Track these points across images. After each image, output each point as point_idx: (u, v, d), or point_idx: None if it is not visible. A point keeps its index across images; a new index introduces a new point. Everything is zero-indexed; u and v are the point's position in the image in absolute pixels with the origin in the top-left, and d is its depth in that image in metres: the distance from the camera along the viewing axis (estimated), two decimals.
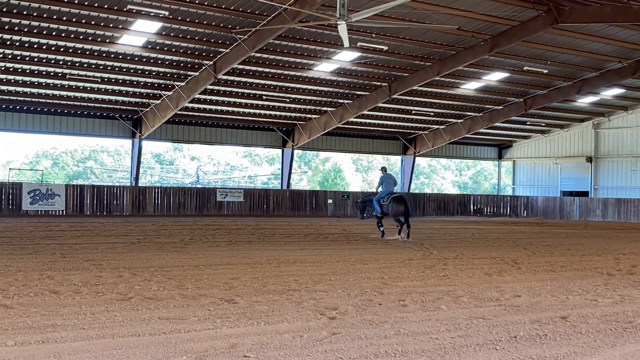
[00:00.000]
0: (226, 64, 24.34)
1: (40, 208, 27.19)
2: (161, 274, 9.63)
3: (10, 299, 7.23)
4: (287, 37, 23.42)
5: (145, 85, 27.38)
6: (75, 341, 5.47)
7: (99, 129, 30.79)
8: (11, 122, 28.61)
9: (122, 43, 22.79)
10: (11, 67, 24.23)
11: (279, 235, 18.31)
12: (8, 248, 12.97)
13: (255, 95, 29.75)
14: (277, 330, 6.09)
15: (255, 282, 9.02)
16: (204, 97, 28.83)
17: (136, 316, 6.52)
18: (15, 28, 20.97)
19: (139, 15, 20.57)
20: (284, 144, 35.68)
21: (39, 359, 4.93)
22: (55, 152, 62.34)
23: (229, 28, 22.04)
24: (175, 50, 23.93)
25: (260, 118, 33.29)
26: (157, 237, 16.74)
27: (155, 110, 29.26)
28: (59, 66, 24.40)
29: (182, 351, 5.24)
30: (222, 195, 32.10)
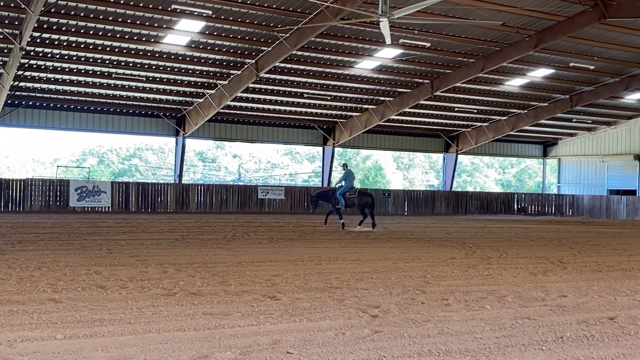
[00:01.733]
0: (268, 63, 24.47)
1: (87, 205, 27.80)
2: (205, 270, 9.74)
3: (59, 294, 7.40)
4: (329, 35, 23.42)
5: (188, 84, 27.73)
6: (122, 335, 5.58)
7: (143, 127, 31.31)
8: (59, 120, 29.32)
9: (167, 42, 23.13)
10: (59, 67, 24.82)
11: (319, 233, 18.34)
12: (56, 243, 13.29)
13: (296, 93, 29.86)
14: (319, 327, 6.10)
15: (297, 279, 9.05)
16: (245, 95, 29.06)
17: (181, 311, 6.61)
18: (63, 28, 21.47)
19: (183, 14, 20.84)
20: (324, 142, 35.72)
21: (87, 352, 5.03)
22: (101, 150, 63.64)
23: (271, 27, 22.16)
24: (218, 49, 24.17)
25: (301, 116, 33.39)
26: (200, 233, 16.93)
27: (199, 108, 29.62)
28: (105, 65, 24.89)
29: (226, 346, 5.29)
30: (264, 193, 32.31)
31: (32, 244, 13.09)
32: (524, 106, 34.82)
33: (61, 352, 4.99)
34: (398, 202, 35.57)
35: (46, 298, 7.10)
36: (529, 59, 27.20)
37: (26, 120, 28.69)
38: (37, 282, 8.13)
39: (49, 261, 10.25)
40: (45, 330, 5.66)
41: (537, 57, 27.15)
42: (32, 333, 5.54)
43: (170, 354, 5.05)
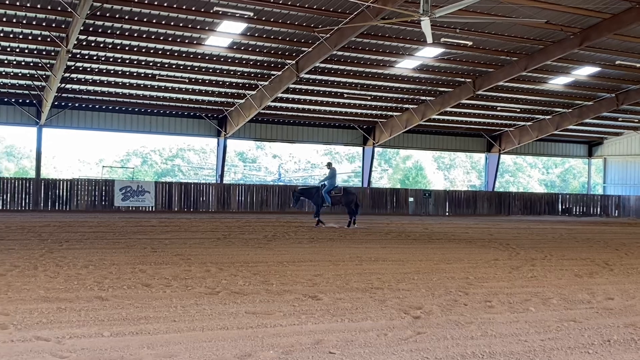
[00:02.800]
0: (308, 63, 24.54)
1: (131, 204, 28.31)
2: (246, 269, 9.83)
3: (105, 292, 7.56)
4: (369, 35, 23.36)
5: (230, 85, 28.00)
6: (167, 333, 5.67)
7: (186, 128, 31.72)
8: (104, 121, 29.91)
9: (209, 44, 23.38)
10: (104, 69, 25.33)
11: (360, 233, 18.32)
12: (102, 242, 13.57)
13: (336, 93, 29.87)
14: (361, 327, 6.10)
15: (338, 279, 9.06)
16: (286, 96, 29.18)
17: (224, 310, 6.68)
18: (108, 31, 21.90)
19: (225, 16, 21.04)
20: (364, 142, 35.64)
21: (133, 349, 5.13)
22: (144, 151, 64.73)
23: (311, 27, 22.21)
24: (259, 50, 24.33)
25: (341, 116, 33.38)
26: (242, 233, 17.08)
27: (240, 109, 29.88)
28: (148, 67, 25.30)
29: (269, 346, 5.34)
30: None
31: (79, 242, 13.39)
32: (568, 105, 34.15)
33: (108, 349, 5.10)
34: (439, 203, 35.26)
35: (93, 296, 7.26)
36: (573, 57, 26.66)
37: (72, 121, 29.33)
38: (84, 280, 8.32)
39: (95, 259, 10.47)
40: (93, 327, 5.79)
41: (582, 55, 26.59)
42: (80, 330, 5.67)
43: (214, 352, 5.11)
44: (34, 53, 23.20)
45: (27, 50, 22.98)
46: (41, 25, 20.99)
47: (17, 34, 21.55)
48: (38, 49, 22.91)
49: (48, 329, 5.65)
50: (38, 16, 20.38)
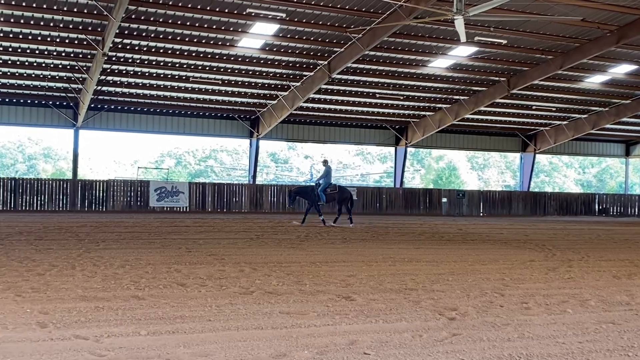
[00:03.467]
0: (340, 63, 24.53)
1: (165, 204, 28.64)
2: (280, 269, 9.87)
3: (142, 291, 7.65)
4: (402, 34, 23.26)
5: (262, 86, 28.15)
6: (203, 332, 5.72)
7: (219, 129, 31.97)
8: (139, 123, 30.31)
9: (241, 46, 23.55)
10: (139, 71, 25.68)
11: (392, 234, 18.24)
12: (138, 242, 13.75)
13: (368, 93, 29.81)
14: (395, 328, 6.07)
15: (371, 280, 9.03)
16: (317, 96, 29.22)
17: (258, 310, 6.71)
18: (143, 34, 22.20)
19: (257, 18, 21.16)
20: (397, 142, 35.48)
21: (169, 348, 5.19)
22: (178, 152, 65.48)
23: (343, 27, 22.21)
24: (292, 51, 24.41)
25: (373, 116, 33.30)
26: (274, 233, 17.14)
27: (272, 110, 30.01)
28: (182, 69, 25.56)
29: (304, 346, 5.34)
30: None
31: (115, 242, 13.59)
32: (605, 104, 33.54)
33: (145, 348, 5.16)
34: (473, 203, 34.94)
35: (130, 295, 7.36)
36: (610, 55, 26.17)
37: (108, 123, 29.78)
38: (121, 280, 8.44)
39: (131, 259, 10.61)
40: (130, 326, 5.86)
41: (619, 52, 26.09)
42: (118, 329, 5.75)
43: (249, 351, 5.14)
44: (70, 56, 23.63)
45: (64, 54, 23.43)
46: (78, 28, 21.36)
47: (54, 37, 21.97)
48: (75, 52, 23.33)
49: (86, 328, 5.74)
50: (75, 20, 20.76)
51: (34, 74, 25.27)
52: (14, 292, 7.30)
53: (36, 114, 28.27)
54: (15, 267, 9.39)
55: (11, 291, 7.38)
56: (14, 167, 59.98)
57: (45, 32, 21.59)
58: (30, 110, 28.15)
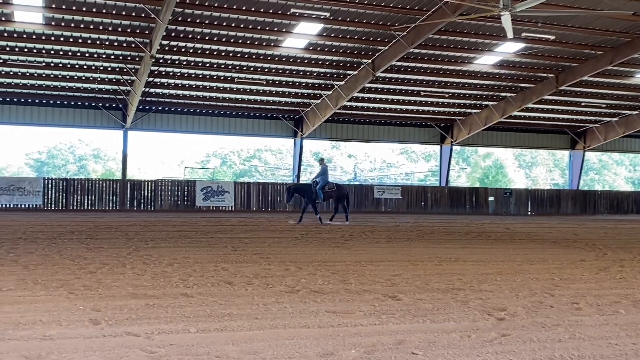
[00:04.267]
0: (384, 62, 24.43)
1: (211, 204, 28.99)
2: (325, 268, 9.88)
3: (190, 289, 7.76)
4: (447, 31, 23.03)
5: (306, 86, 28.24)
6: (251, 330, 5.77)
7: (263, 129, 32.20)
8: (185, 124, 30.76)
9: (285, 46, 23.67)
10: (185, 73, 26.06)
11: (438, 233, 18.07)
12: (186, 241, 13.96)
13: (413, 91, 29.61)
14: (443, 328, 6.01)
15: (418, 279, 8.97)
16: (361, 95, 29.16)
17: (304, 308, 6.73)
18: (189, 36, 22.52)
19: (302, 17, 21.24)
20: (442, 140, 35.14)
21: (218, 346, 5.24)
22: (223, 152, 66.23)
23: (387, 25, 22.11)
24: (335, 50, 24.43)
25: (418, 114, 33.05)
26: (319, 232, 17.18)
27: (316, 109, 30.08)
28: (227, 70, 25.84)
29: (351, 345, 5.34)
30: (380, 192, 32.28)
31: (164, 241, 13.82)
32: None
33: (195, 345, 5.23)
34: (520, 202, 34.36)
35: (179, 293, 7.47)
36: None
37: (155, 124, 30.31)
38: (170, 278, 8.57)
39: (179, 257, 10.78)
40: (180, 323, 5.95)
41: None
42: (168, 326, 5.84)
43: (297, 350, 5.16)
44: (119, 59, 24.12)
45: (113, 56, 23.94)
46: (126, 31, 21.80)
47: (103, 40, 22.47)
48: (123, 55, 23.80)
49: (137, 325, 5.85)
50: (123, 23, 21.18)
51: (84, 76, 25.89)
52: (67, 290, 7.49)
53: (87, 116, 28.95)
54: (68, 265, 9.64)
55: (64, 289, 7.58)
56: (65, 168, 61.61)
57: (94, 36, 22.10)
58: (81, 112, 28.85)
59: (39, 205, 26.61)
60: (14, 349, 4.99)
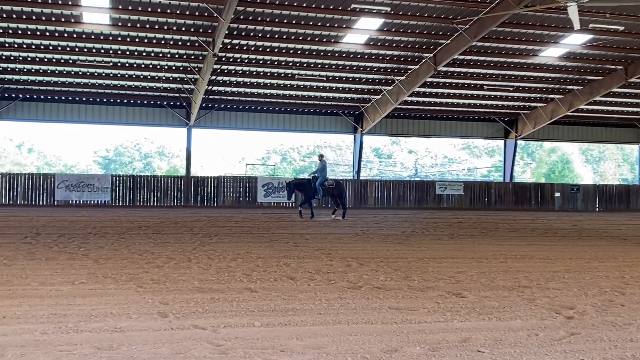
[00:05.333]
0: (446, 56, 24.09)
1: (272, 200, 29.26)
2: (387, 264, 9.84)
3: (254, 283, 7.87)
4: (511, 24, 22.52)
5: (366, 82, 28.14)
6: (314, 325, 5.80)
7: (323, 125, 32.27)
8: (247, 121, 31.13)
9: (346, 42, 23.64)
10: (247, 71, 26.36)
11: (502, 230, 17.74)
12: (248, 237, 14.15)
13: (476, 85, 29.10)
14: (510, 327, 5.90)
15: (482, 276, 8.83)
16: (423, 90, 28.86)
17: (367, 305, 6.72)
18: (251, 34, 22.78)
19: (362, 13, 21.17)
20: (506, 135, 34.42)
21: (283, 340, 5.30)
22: (283, 148, 66.77)
23: (449, 19, 21.80)
24: (396, 45, 24.25)
25: (481, 109, 32.47)
26: (380, 229, 17.12)
27: (376, 105, 29.94)
28: (288, 67, 26.01)
29: (415, 342, 5.30)
30: (442, 188, 31.90)
31: (227, 236, 14.05)
32: None
33: (259, 339, 5.30)
34: (588, 198, 33.33)
35: (243, 287, 7.58)
36: None
37: (218, 121, 30.80)
38: (234, 272, 8.71)
39: (243, 253, 10.94)
40: (244, 317, 6.04)
41: None
42: (233, 320, 5.94)
43: (360, 346, 5.16)
44: (183, 58, 24.61)
45: (177, 56, 24.45)
46: (189, 31, 22.22)
47: (168, 40, 22.97)
48: (187, 54, 24.28)
49: (204, 318, 5.97)
50: (187, 22, 21.59)
51: (149, 76, 26.53)
52: (136, 284, 7.71)
53: (152, 114, 29.67)
54: (136, 259, 9.92)
55: (133, 282, 7.80)
56: (132, 165, 63.39)
57: (159, 35, 22.61)
58: (147, 111, 29.59)
59: (107, 201, 27.46)
60: (87, 340, 5.17)
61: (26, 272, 8.50)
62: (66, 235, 13.66)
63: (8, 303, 6.50)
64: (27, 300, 6.62)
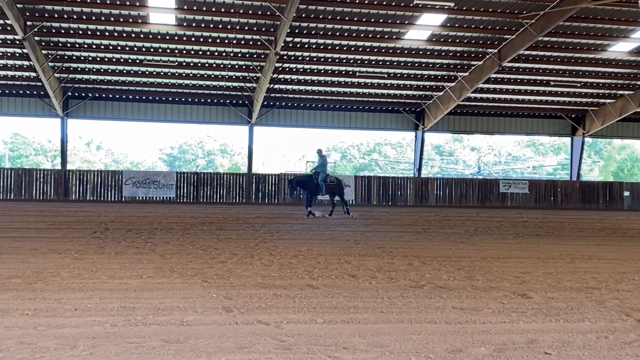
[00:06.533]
0: (511, 51, 23.61)
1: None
2: (449, 264, 9.72)
3: (316, 280, 7.90)
4: (579, 18, 21.89)
5: (428, 78, 27.86)
6: (376, 323, 5.78)
7: (384, 122, 32.12)
8: (307, 119, 31.30)
9: (408, 38, 23.47)
10: (308, 69, 26.49)
11: (569, 229, 17.26)
12: (309, 234, 14.22)
13: (542, 81, 28.40)
14: (578, 329, 5.74)
15: (549, 277, 8.61)
16: (486, 86, 28.36)
17: (430, 304, 6.66)
18: (312, 32, 22.88)
19: (425, 9, 20.97)
20: (573, 132, 33.47)
21: (345, 337, 5.30)
22: (343, 146, 66.83)
23: (515, 14, 21.36)
24: (459, 40, 23.92)
25: (547, 105, 31.68)
26: (441, 227, 16.92)
27: (438, 102, 29.61)
28: (349, 65, 26.01)
29: (480, 342, 5.22)
30: (506, 187, 31.29)
31: (288, 233, 14.16)
32: None
33: (322, 336, 5.32)
34: None
35: (305, 284, 7.63)
36: None
37: (279, 119, 31.09)
38: (296, 269, 8.77)
39: (304, 249, 11.00)
40: (307, 314, 6.07)
41: None
42: (296, 316, 5.98)
43: (424, 345, 5.11)
44: (246, 57, 24.95)
45: (240, 55, 24.80)
46: (252, 30, 22.51)
47: (231, 39, 23.32)
48: (250, 53, 24.60)
49: (267, 314, 6.04)
50: (250, 22, 21.87)
51: (213, 74, 27.00)
52: (201, 278, 7.86)
53: (215, 113, 30.19)
54: (201, 255, 10.11)
55: (198, 277, 7.96)
56: (195, 162, 64.71)
57: (223, 35, 22.98)
58: (210, 109, 30.12)
59: (172, 197, 28.13)
60: (155, 333, 5.30)
61: (96, 265, 8.79)
62: (133, 230, 14.06)
63: (80, 295, 6.73)
64: (97, 293, 6.84)
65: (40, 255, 9.73)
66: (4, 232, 13.18)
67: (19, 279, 7.64)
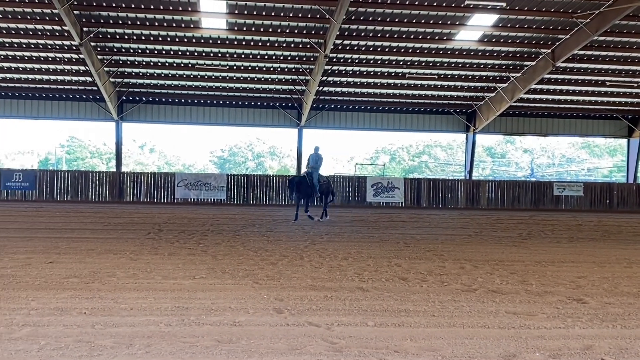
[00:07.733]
0: (566, 51, 23.09)
1: (381, 200, 29.23)
2: (502, 267, 9.58)
3: (366, 283, 7.90)
4: (635, 17, 21.25)
5: (479, 79, 27.48)
6: (428, 327, 5.74)
7: (434, 124, 31.82)
8: (356, 121, 31.25)
9: (459, 39, 23.21)
10: (357, 71, 26.46)
11: (626, 233, 16.78)
12: (358, 236, 14.21)
13: (597, 81, 27.67)
14: (636, 335, 5.59)
15: (605, 282, 8.40)
16: (540, 87, 27.80)
17: (482, 308, 6.58)
18: (362, 34, 22.85)
19: (476, 9, 20.71)
20: (629, 133, 32.51)
21: (396, 341, 5.28)
22: (392, 148, 66.49)
23: (569, 13, 20.88)
24: (512, 41, 23.52)
25: (602, 106, 30.84)
26: (494, 230, 16.67)
27: (490, 103, 29.17)
28: (399, 67, 25.86)
29: (534, 348, 5.13)
30: (560, 189, 30.60)
31: (337, 235, 14.17)
32: None
33: (373, 339, 5.32)
34: None
35: (355, 286, 7.63)
36: None
37: (328, 121, 31.12)
38: (345, 272, 8.78)
39: (353, 252, 11.00)
40: (357, 316, 6.08)
41: None
42: (346, 318, 5.99)
43: (477, 350, 5.05)
44: (295, 60, 25.08)
45: (289, 58, 24.94)
46: (302, 33, 22.62)
47: (280, 42, 23.49)
48: (299, 56, 24.72)
49: (317, 316, 6.07)
50: (299, 25, 22.00)
51: (263, 78, 27.24)
52: (252, 280, 7.95)
53: (265, 116, 30.45)
54: (252, 256, 10.22)
55: (249, 278, 8.05)
56: (245, 165, 65.38)
57: (273, 39, 23.17)
58: (260, 112, 30.40)
59: (222, 199, 28.48)
60: (208, 333, 5.39)
61: (150, 266, 8.98)
62: (186, 231, 14.30)
63: (135, 295, 6.89)
64: (152, 293, 7.00)
65: (96, 255, 10.00)
66: (62, 232, 13.59)
67: (77, 278, 7.87)
